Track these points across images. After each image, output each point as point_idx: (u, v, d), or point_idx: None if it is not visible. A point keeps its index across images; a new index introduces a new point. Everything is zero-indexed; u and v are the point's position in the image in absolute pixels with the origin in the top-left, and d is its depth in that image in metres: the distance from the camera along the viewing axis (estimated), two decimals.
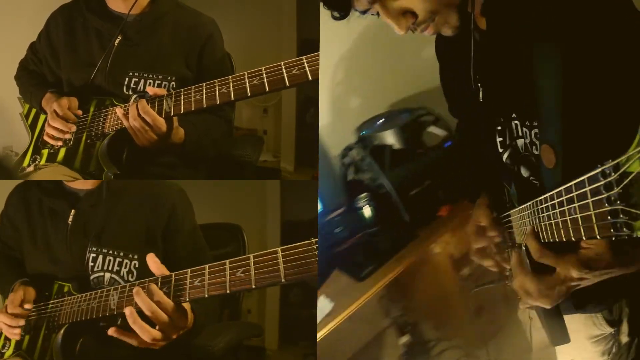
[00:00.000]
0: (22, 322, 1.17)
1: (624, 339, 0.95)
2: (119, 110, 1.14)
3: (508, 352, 2.01)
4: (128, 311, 0.95)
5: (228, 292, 0.92)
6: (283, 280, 0.88)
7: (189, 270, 0.97)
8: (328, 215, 1.90)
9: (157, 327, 0.95)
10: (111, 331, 0.97)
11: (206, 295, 0.93)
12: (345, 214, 1.88)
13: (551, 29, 0.69)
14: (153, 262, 1.00)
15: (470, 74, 0.89)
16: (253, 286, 0.90)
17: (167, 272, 1.00)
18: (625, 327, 0.94)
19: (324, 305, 1.57)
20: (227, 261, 0.94)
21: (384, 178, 1.71)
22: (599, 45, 0.67)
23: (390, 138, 1.79)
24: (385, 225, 1.80)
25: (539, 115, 0.72)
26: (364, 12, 0.80)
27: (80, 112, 1.22)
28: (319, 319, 1.52)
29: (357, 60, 2.03)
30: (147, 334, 0.94)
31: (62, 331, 1.14)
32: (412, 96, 2.16)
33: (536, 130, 0.80)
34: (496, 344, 2.07)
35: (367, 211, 1.77)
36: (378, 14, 0.80)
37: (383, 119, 1.92)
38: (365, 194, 1.78)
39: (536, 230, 0.69)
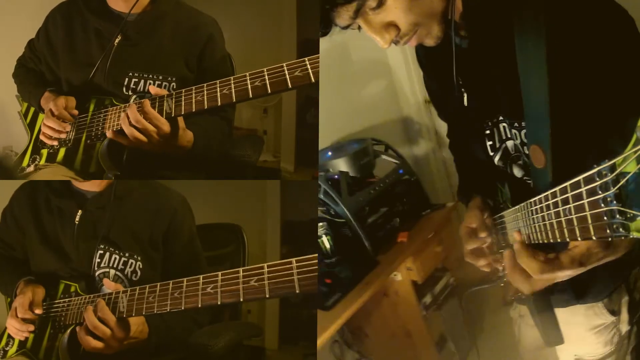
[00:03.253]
0: (32, 328, 1.18)
1: (624, 327, 0.94)
2: (123, 121, 1.13)
3: (498, 352, 2.00)
4: (78, 328, 1.09)
5: (241, 300, 0.92)
6: (297, 291, 0.87)
7: (201, 276, 0.99)
8: None
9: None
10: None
11: (219, 303, 0.94)
12: None
13: (534, 26, 0.68)
14: (107, 284, 1.13)
15: (453, 79, 0.89)
16: (267, 296, 0.90)
17: (121, 288, 1.10)
18: (625, 316, 0.94)
19: None
20: (241, 269, 0.94)
21: (341, 206, 1.70)
22: (584, 42, 0.67)
23: (343, 166, 1.80)
24: (344, 255, 1.79)
25: (525, 115, 0.71)
26: (345, 28, 0.79)
27: (76, 112, 1.22)
28: None
29: None
30: (87, 344, 1.06)
31: (68, 332, 1.14)
32: (359, 132, 2.21)
33: (525, 130, 0.79)
34: (486, 345, 2.06)
35: (325, 241, 1.77)
36: (359, 28, 0.79)
37: (331, 151, 1.94)
38: (322, 223, 1.76)
39: (531, 240, 0.68)
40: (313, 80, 1.01)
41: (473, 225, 0.96)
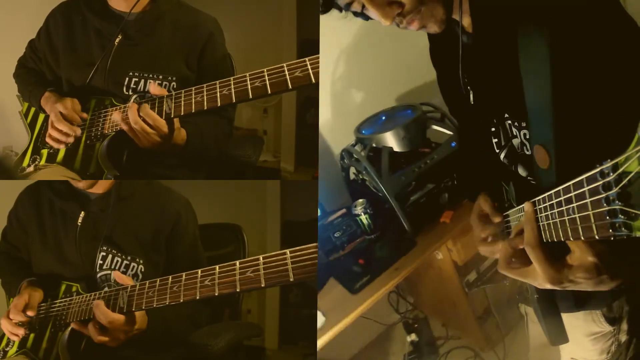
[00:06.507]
0: (22, 332, 1.18)
1: (623, 337, 0.94)
2: (116, 115, 1.14)
3: (516, 350, 2.01)
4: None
5: (238, 290, 0.96)
6: (292, 280, 0.92)
7: (199, 270, 1.01)
8: (327, 218, 1.83)
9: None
10: (73, 325, 1.13)
11: (216, 294, 0.98)
12: (346, 216, 1.81)
13: (539, 26, 0.68)
14: (118, 276, 1.13)
15: (460, 77, 0.89)
16: (263, 285, 0.95)
17: (131, 282, 1.11)
18: (625, 326, 0.94)
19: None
20: (237, 262, 0.98)
21: (380, 185, 1.61)
22: (588, 42, 0.67)
23: (390, 140, 1.68)
24: (384, 232, 1.73)
25: (528, 115, 0.71)
26: (348, 5, 0.78)
27: (85, 114, 1.21)
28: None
29: (358, 53, 1.91)
30: (96, 338, 1.08)
31: (69, 329, 1.15)
32: (418, 87, 2.05)
33: (525, 131, 0.79)
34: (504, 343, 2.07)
35: (364, 219, 1.71)
36: (363, 9, 0.78)
37: (384, 117, 1.81)
38: (362, 200, 1.70)
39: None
40: (313, 80, 1.01)
41: (485, 210, 0.96)
